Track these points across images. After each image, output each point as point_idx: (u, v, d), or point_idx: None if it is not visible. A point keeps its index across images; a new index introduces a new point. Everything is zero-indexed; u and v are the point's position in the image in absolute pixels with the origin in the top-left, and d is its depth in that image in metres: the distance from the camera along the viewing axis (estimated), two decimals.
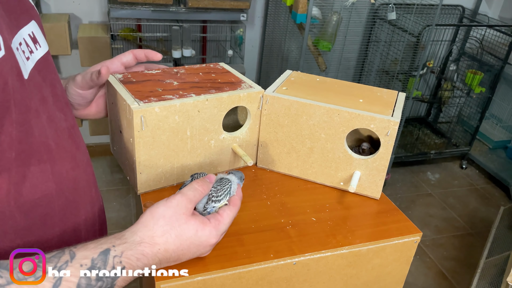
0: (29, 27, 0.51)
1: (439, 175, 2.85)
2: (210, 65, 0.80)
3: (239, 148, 0.75)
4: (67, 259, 0.44)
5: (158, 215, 0.51)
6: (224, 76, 0.76)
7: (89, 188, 0.61)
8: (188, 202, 0.54)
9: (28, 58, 0.49)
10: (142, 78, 0.71)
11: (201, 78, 0.74)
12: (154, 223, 0.51)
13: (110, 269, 0.45)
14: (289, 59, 2.54)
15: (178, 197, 0.53)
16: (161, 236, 0.50)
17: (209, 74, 0.76)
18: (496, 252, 1.91)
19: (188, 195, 0.54)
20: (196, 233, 0.53)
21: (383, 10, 2.50)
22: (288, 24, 2.44)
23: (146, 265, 0.49)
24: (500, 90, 2.91)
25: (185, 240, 0.52)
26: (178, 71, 0.75)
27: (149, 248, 0.49)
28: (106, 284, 0.45)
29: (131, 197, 2.22)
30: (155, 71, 0.74)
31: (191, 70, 0.77)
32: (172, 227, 0.51)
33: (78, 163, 0.57)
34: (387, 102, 0.76)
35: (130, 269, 0.47)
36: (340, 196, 0.75)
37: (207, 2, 2.07)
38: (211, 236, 0.54)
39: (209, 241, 0.54)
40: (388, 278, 0.71)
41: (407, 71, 2.47)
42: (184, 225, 0.52)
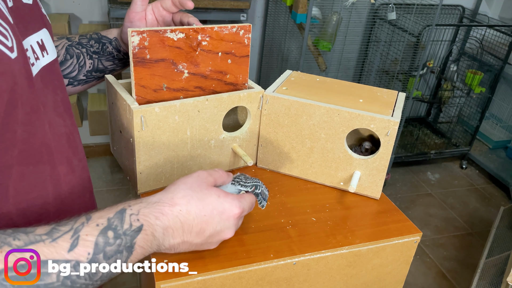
0: (38, 34, 0.53)
1: (439, 175, 2.85)
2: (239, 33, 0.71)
3: (239, 148, 0.75)
4: (83, 221, 0.44)
5: (179, 182, 0.52)
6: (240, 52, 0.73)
7: (84, 193, 0.61)
8: (208, 175, 0.54)
9: (33, 64, 0.50)
10: (157, 55, 0.64)
11: (216, 64, 0.70)
12: (174, 188, 0.51)
13: (127, 226, 0.45)
14: (289, 59, 2.54)
15: (198, 171, 0.54)
16: (182, 198, 0.49)
17: (229, 54, 0.71)
18: (496, 252, 1.91)
19: (208, 170, 0.55)
20: (219, 198, 0.52)
21: (383, 10, 2.50)
22: (288, 24, 2.44)
23: (167, 228, 0.48)
24: (500, 90, 2.91)
25: (207, 204, 0.51)
26: (199, 44, 0.68)
27: (169, 207, 0.48)
28: (125, 242, 0.45)
29: (131, 197, 2.22)
30: (176, 37, 0.65)
31: (214, 44, 0.69)
32: (193, 191, 0.50)
33: (74, 168, 0.58)
34: (387, 102, 0.76)
35: (149, 227, 0.46)
36: (340, 196, 0.75)
37: (207, 2, 2.07)
38: (234, 205, 0.52)
39: (233, 210, 0.52)
40: (388, 278, 0.71)
41: (407, 71, 2.47)
42: (206, 190, 0.51)
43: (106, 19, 2.29)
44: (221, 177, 0.56)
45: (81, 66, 0.72)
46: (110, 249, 0.44)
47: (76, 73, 0.72)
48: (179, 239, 0.49)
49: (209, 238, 0.52)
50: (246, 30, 0.71)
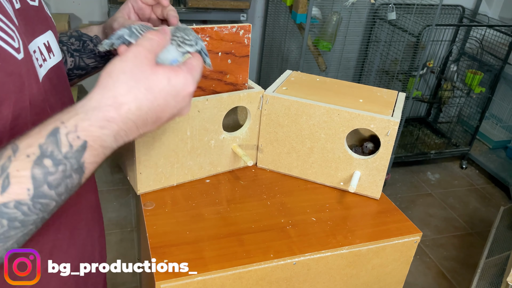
0: (45, 36, 0.53)
1: (439, 175, 2.85)
2: (239, 33, 0.71)
3: (239, 148, 0.75)
4: (9, 155, 0.37)
5: (116, 71, 0.42)
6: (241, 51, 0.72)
7: (90, 193, 0.61)
8: (147, 51, 0.45)
9: (41, 65, 0.50)
10: None
11: (217, 64, 0.70)
12: (113, 82, 0.42)
13: (67, 148, 0.39)
14: (289, 59, 2.54)
15: (133, 49, 0.44)
16: (126, 94, 0.41)
17: (229, 54, 0.71)
18: (496, 252, 1.91)
19: (144, 45, 0.45)
20: (170, 81, 0.44)
21: (383, 10, 2.50)
22: (288, 24, 2.44)
23: (118, 132, 0.42)
24: (500, 90, 2.91)
25: (158, 93, 0.43)
26: None
27: (115, 110, 0.41)
28: (70, 166, 0.39)
29: (131, 197, 2.22)
30: None
31: (214, 44, 0.69)
32: (138, 81, 0.42)
33: None
34: (387, 102, 0.76)
35: (95, 142, 0.40)
36: (340, 196, 0.75)
37: (207, 2, 2.07)
38: (187, 83, 0.45)
39: (186, 89, 0.45)
40: (388, 278, 0.71)
41: (407, 71, 2.46)
42: (152, 76, 0.43)
43: (106, 19, 2.29)
44: (160, 44, 0.47)
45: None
46: (54, 178, 0.38)
47: None
48: (136, 134, 0.44)
49: (167, 120, 0.47)
50: (246, 30, 0.71)
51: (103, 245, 0.69)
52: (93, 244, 0.63)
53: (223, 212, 0.68)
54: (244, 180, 0.77)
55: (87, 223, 0.61)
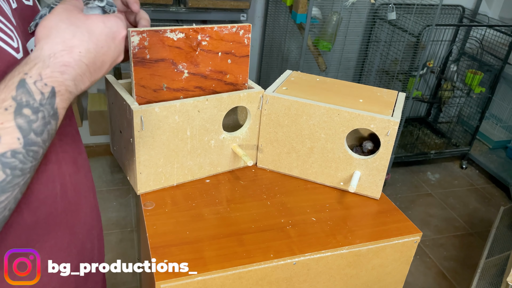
0: None
1: (439, 175, 2.85)
2: (239, 33, 0.72)
3: (239, 148, 0.75)
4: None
5: (53, 23, 0.44)
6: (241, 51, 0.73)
7: (89, 193, 0.61)
8: (73, 5, 0.47)
9: None
10: (157, 53, 0.65)
11: (216, 64, 0.71)
12: (56, 31, 0.43)
13: (39, 96, 0.40)
14: (289, 59, 2.54)
15: (60, 5, 0.46)
16: (73, 38, 0.43)
17: (229, 54, 0.71)
18: (496, 252, 1.91)
19: (68, 2, 0.47)
20: (105, 24, 0.46)
21: (383, 10, 2.50)
22: (288, 24, 2.44)
23: (75, 76, 0.43)
24: (500, 90, 2.91)
25: (99, 35, 0.45)
26: (199, 44, 0.68)
27: (68, 54, 0.42)
28: (48, 112, 0.41)
29: (131, 197, 2.22)
30: (176, 37, 0.66)
31: (214, 44, 0.70)
32: (78, 26, 0.44)
33: (80, 167, 0.58)
34: (387, 102, 0.76)
35: (60, 86, 0.41)
36: (340, 196, 0.75)
37: (207, 2, 2.07)
38: (120, 26, 0.47)
39: (121, 32, 0.48)
40: (388, 278, 0.71)
41: (407, 71, 2.46)
42: (88, 20, 0.45)
43: None
44: (77, 4, 0.48)
45: None
46: (37, 125, 0.40)
47: None
48: (88, 82, 0.46)
49: (110, 66, 0.49)
50: (246, 30, 0.71)
51: (101, 244, 0.69)
52: (93, 242, 0.63)
53: (223, 212, 0.68)
54: (244, 180, 0.77)
55: (86, 222, 0.61)
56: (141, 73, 0.63)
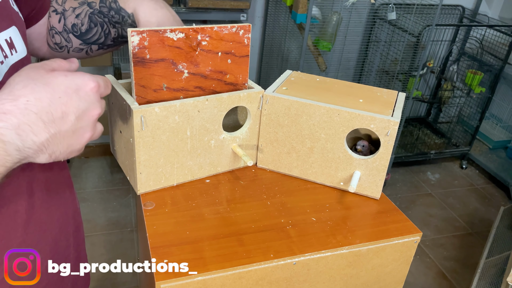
0: (7, 32, 0.52)
1: (439, 175, 2.85)
2: (239, 33, 0.71)
3: (239, 148, 0.75)
4: None
5: (11, 79, 0.42)
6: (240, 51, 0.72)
7: (62, 190, 0.61)
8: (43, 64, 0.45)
9: (1, 62, 0.49)
10: (157, 53, 0.64)
11: (216, 63, 0.70)
12: (8, 84, 0.42)
13: None
14: (289, 59, 2.54)
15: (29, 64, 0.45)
16: (23, 88, 0.41)
17: (229, 54, 0.71)
18: (496, 252, 1.91)
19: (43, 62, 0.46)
20: (67, 76, 0.43)
21: (383, 10, 2.50)
22: (288, 24, 2.44)
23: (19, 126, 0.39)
24: (500, 90, 2.91)
25: (57, 86, 0.42)
26: (199, 44, 0.68)
27: (10, 103, 0.39)
28: None
29: (131, 197, 2.22)
30: (176, 37, 0.65)
31: (213, 45, 0.70)
32: (34, 79, 0.42)
33: (52, 165, 0.57)
34: (387, 102, 0.76)
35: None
36: (340, 196, 0.75)
37: (207, 2, 2.07)
38: (86, 78, 0.45)
39: (88, 84, 0.44)
40: (388, 278, 0.71)
41: (407, 71, 2.46)
42: (48, 74, 0.43)
43: None
44: (61, 66, 0.46)
45: (107, 34, 0.72)
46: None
47: (103, 40, 0.72)
48: (45, 133, 0.41)
49: (78, 121, 0.44)
50: (246, 30, 0.71)
51: (80, 241, 0.68)
52: (68, 240, 0.62)
53: (223, 212, 0.68)
54: (244, 180, 0.77)
55: (59, 219, 0.61)
56: (141, 73, 0.63)
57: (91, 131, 0.46)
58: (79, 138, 0.45)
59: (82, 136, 0.45)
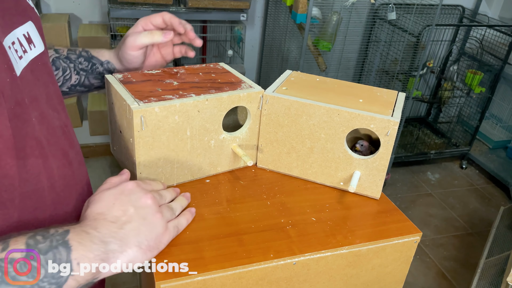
0: (24, 27, 0.52)
1: (439, 175, 2.85)
2: (210, 65, 0.80)
3: (239, 148, 0.75)
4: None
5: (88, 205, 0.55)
6: (224, 76, 0.76)
7: (81, 186, 0.61)
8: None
9: (21, 57, 0.50)
10: (141, 78, 0.71)
11: (201, 78, 0.74)
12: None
13: (53, 231, 0.46)
14: (289, 59, 2.54)
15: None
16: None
17: (209, 74, 0.76)
18: (496, 252, 1.91)
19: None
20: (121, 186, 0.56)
21: (383, 10, 2.50)
22: (288, 24, 2.44)
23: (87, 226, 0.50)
24: (500, 90, 2.91)
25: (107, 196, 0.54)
26: (178, 71, 0.75)
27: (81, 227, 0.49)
28: (57, 240, 0.46)
29: None
30: (155, 71, 0.74)
31: (191, 70, 0.77)
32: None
33: (71, 160, 0.57)
34: (387, 102, 0.76)
35: (75, 228, 0.48)
36: (340, 196, 0.75)
37: (207, 2, 2.07)
38: (138, 189, 0.57)
39: (144, 200, 0.56)
40: (388, 278, 0.71)
41: (407, 71, 2.47)
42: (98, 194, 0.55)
43: (106, 19, 2.29)
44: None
45: (66, 80, 0.73)
46: (44, 246, 0.44)
47: (60, 84, 0.72)
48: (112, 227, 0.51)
49: (144, 234, 0.54)
50: (217, 66, 0.81)
51: None
52: None
53: (223, 212, 0.68)
54: (244, 180, 0.77)
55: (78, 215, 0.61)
56: (133, 87, 0.67)
57: (158, 212, 0.56)
58: (157, 226, 0.56)
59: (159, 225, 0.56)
